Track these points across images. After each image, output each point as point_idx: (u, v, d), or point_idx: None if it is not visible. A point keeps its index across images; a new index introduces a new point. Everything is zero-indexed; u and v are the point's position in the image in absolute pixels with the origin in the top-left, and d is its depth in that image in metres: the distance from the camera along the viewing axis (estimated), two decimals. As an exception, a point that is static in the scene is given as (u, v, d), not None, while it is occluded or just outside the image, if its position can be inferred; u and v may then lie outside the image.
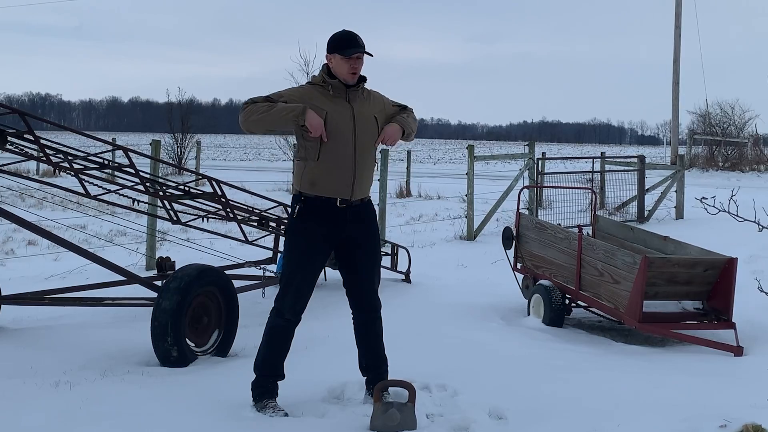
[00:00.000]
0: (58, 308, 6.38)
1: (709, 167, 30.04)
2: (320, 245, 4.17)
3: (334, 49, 4.14)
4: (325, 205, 4.12)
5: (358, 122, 4.14)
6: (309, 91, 4.18)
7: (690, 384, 4.85)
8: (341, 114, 4.11)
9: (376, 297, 4.36)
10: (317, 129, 4.01)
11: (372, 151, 4.25)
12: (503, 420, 4.15)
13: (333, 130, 4.07)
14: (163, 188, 6.66)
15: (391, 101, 4.42)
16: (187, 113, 27.66)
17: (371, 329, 4.38)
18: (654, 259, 6.21)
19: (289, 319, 4.19)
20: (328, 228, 4.14)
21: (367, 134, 4.17)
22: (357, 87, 4.19)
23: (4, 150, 5.42)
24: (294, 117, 3.99)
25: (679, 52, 24.55)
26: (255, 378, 4.23)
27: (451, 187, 18.08)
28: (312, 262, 4.19)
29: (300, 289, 4.17)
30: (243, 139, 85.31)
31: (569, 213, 13.20)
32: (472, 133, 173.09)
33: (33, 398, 4.23)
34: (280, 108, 4.02)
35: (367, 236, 4.26)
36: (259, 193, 8.61)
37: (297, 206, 4.16)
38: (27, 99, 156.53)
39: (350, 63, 4.11)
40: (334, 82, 4.15)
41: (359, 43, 4.14)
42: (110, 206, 6.97)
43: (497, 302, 7.42)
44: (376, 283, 4.37)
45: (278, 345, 4.22)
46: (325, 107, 4.09)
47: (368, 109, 4.21)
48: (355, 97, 4.19)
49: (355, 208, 4.19)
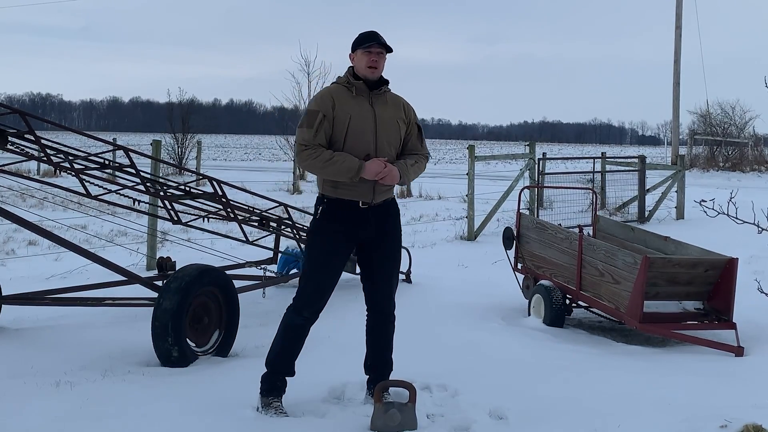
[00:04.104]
0: (58, 308, 6.39)
1: (710, 167, 30.04)
2: (341, 244, 4.19)
3: (356, 46, 4.21)
4: (348, 207, 4.15)
5: (380, 125, 4.16)
6: (335, 89, 4.22)
7: (690, 384, 4.85)
8: (363, 117, 4.14)
9: (391, 299, 4.39)
10: (378, 174, 4.07)
11: (393, 154, 4.24)
12: (504, 420, 4.15)
13: (354, 133, 4.11)
14: (164, 188, 6.66)
15: (416, 122, 4.39)
16: (188, 113, 27.67)
17: (382, 330, 4.40)
18: (655, 259, 6.21)
19: (306, 317, 4.21)
20: (350, 228, 4.16)
21: (388, 137, 4.19)
22: (380, 89, 4.22)
23: (4, 150, 5.42)
24: (352, 177, 4.05)
25: (679, 52, 24.55)
26: (265, 372, 4.24)
27: (452, 188, 18.07)
28: (332, 261, 4.20)
29: (320, 287, 4.19)
30: (243, 139, 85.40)
31: (570, 213, 13.21)
32: (472, 133, 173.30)
33: (33, 398, 4.23)
34: (340, 165, 4.04)
35: (388, 238, 4.28)
36: (260, 193, 8.60)
37: (320, 207, 4.20)
38: (28, 99, 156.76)
39: (369, 57, 4.16)
40: (357, 84, 4.18)
41: (379, 39, 4.19)
42: (111, 206, 6.96)
43: (498, 302, 7.41)
44: (393, 286, 4.40)
45: (292, 342, 4.24)
46: (348, 108, 4.12)
47: (391, 113, 4.23)
48: (378, 100, 4.21)
49: (377, 209, 4.21)
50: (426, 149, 4.45)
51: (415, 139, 4.36)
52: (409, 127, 4.33)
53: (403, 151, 4.32)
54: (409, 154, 4.32)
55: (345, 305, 4.45)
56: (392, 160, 4.21)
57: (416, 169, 4.29)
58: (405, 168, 4.21)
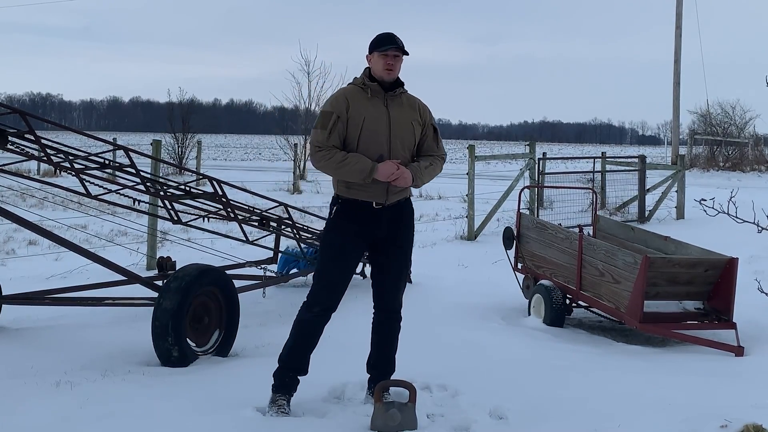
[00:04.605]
0: (58, 308, 6.39)
1: (710, 167, 30.05)
2: (355, 243, 4.21)
3: (373, 48, 4.22)
4: (361, 207, 4.16)
5: (394, 127, 4.17)
6: (351, 90, 4.23)
7: (691, 384, 4.85)
8: (377, 118, 4.14)
9: (398, 299, 4.40)
10: (391, 176, 4.08)
11: (407, 156, 4.24)
12: (504, 420, 4.15)
13: (368, 134, 4.12)
14: (164, 188, 6.66)
15: (433, 123, 4.40)
16: (188, 113, 27.66)
17: (387, 330, 4.41)
18: (655, 259, 6.21)
19: (316, 312, 4.21)
20: (363, 227, 4.18)
21: (402, 139, 4.20)
22: (395, 91, 4.23)
23: (5, 150, 5.42)
24: (364, 178, 4.06)
25: (679, 52, 24.54)
26: (277, 368, 4.24)
27: (452, 187, 18.05)
28: (346, 258, 4.22)
29: (331, 284, 4.20)
30: (243, 138, 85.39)
31: (570, 213, 13.20)
32: (473, 133, 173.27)
33: (34, 398, 4.23)
34: (352, 167, 4.06)
35: (401, 238, 4.30)
36: (260, 193, 8.59)
37: (335, 207, 4.22)
38: (28, 99, 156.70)
39: (386, 60, 4.17)
40: (373, 85, 4.19)
41: (396, 42, 4.20)
42: (111, 206, 6.96)
43: (498, 302, 7.41)
44: (401, 287, 4.41)
45: (305, 339, 4.24)
46: (363, 110, 4.13)
47: (406, 115, 4.24)
48: (393, 102, 4.22)
49: (391, 209, 4.22)
50: (443, 150, 4.44)
51: (431, 140, 4.37)
52: (425, 128, 4.33)
53: (419, 153, 4.33)
54: (425, 156, 4.33)
55: (345, 305, 4.43)
56: (406, 162, 4.20)
57: (431, 171, 4.29)
58: (419, 170, 4.21)
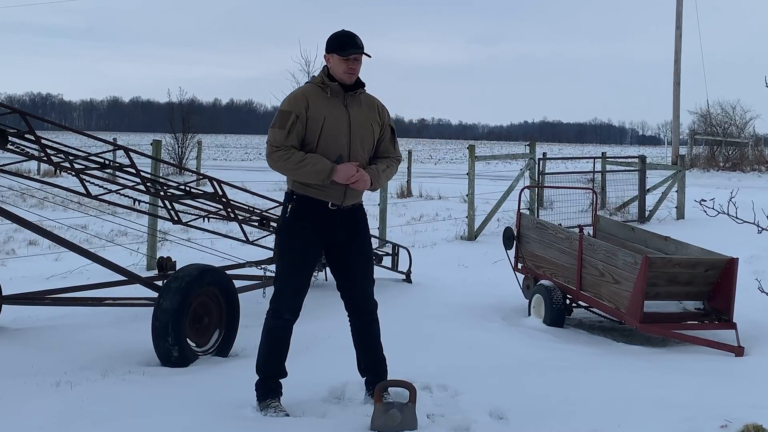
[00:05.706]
0: (58, 308, 6.38)
1: (710, 167, 30.02)
2: (312, 242, 4.17)
3: (332, 49, 4.12)
4: (317, 206, 4.12)
5: (354, 127, 4.13)
6: (309, 89, 4.17)
7: (691, 384, 4.85)
8: (337, 119, 4.10)
9: (371, 299, 4.35)
10: (350, 179, 4.05)
11: (366, 157, 4.22)
12: (504, 420, 4.15)
13: (327, 135, 4.07)
14: (164, 188, 6.66)
15: (390, 124, 4.36)
16: (188, 113, 27.65)
17: (368, 331, 4.37)
18: (655, 259, 6.21)
19: (288, 318, 4.19)
20: (318, 227, 4.14)
21: (361, 140, 4.16)
22: (355, 92, 4.18)
23: (5, 150, 5.43)
24: (323, 180, 4.03)
25: (679, 52, 24.57)
26: (258, 379, 4.22)
27: (452, 187, 18.06)
28: (306, 260, 4.19)
29: (297, 287, 4.18)
30: (243, 139, 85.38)
31: (570, 213, 13.20)
32: (473, 133, 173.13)
33: (34, 398, 4.23)
34: (310, 168, 4.01)
35: (357, 240, 4.25)
36: (260, 193, 8.60)
37: (289, 205, 4.17)
38: (28, 99, 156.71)
39: (347, 63, 4.10)
40: (333, 85, 4.13)
41: (357, 44, 4.12)
42: (111, 206, 6.96)
43: (498, 302, 7.42)
44: (370, 285, 4.36)
45: (278, 345, 4.21)
46: (323, 109, 4.08)
47: (365, 115, 4.20)
48: (353, 102, 4.18)
49: (346, 213, 4.19)
50: (398, 152, 4.41)
51: (388, 141, 4.33)
52: (383, 129, 4.30)
53: (376, 154, 4.29)
54: (381, 158, 4.29)
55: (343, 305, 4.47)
56: (364, 164, 4.18)
57: (388, 174, 4.28)
58: (376, 174, 4.18)
